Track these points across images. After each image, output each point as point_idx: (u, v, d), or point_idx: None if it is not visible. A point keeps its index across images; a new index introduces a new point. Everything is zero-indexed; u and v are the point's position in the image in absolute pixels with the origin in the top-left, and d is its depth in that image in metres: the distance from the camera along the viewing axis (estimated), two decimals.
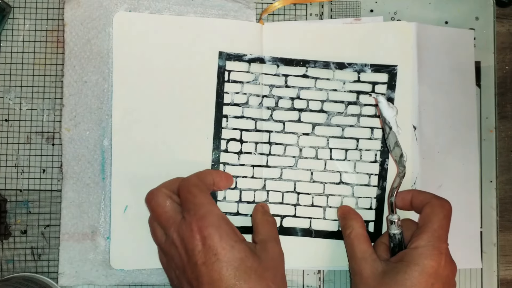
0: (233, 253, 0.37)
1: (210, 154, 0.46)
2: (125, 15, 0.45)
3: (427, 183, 0.47)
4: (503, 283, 0.49)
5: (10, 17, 0.47)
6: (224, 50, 0.46)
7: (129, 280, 0.45)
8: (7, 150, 0.47)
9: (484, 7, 0.51)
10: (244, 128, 0.46)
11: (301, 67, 0.47)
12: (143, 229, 0.44)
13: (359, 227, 0.43)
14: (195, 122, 0.46)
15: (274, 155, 0.46)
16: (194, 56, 0.46)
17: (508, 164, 0.51)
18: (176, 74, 0.46)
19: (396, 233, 0.42)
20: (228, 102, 0.46)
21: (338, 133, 0.47)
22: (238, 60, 0.46)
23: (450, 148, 0.49)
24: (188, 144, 0.46)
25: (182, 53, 0.46)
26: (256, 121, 0.46)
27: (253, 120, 0.46)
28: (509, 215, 0.51)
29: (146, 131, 0.45)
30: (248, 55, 0.46)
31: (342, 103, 0.47)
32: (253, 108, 0.46)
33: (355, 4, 0.50)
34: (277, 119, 0.47)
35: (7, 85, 0.47)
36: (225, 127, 0.46)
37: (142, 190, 0.43)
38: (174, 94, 0.46)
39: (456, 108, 0.49)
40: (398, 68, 0.47)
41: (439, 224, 0.41)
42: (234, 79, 0.46)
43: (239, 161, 0.46)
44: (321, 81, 0.47)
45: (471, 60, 0.50)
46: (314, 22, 0.49)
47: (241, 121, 0.46)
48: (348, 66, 0.47)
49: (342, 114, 0.47)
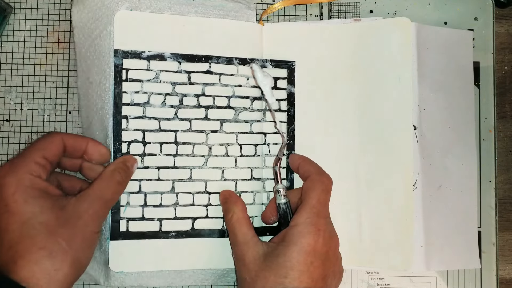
0: (24, 207, 0.35)
1: (111, 158, 0.43)
2: (126, 14, 0.45)
3: (427, 183, 0.47)
4: (502, 282, 0.50)
5: (11, 18, 0.48)
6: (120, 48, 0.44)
7: (129, 282, 0.44)
8: (8, 150, 0.47)
9: (483, 8, 0.51)
10: (147, 129, 0.44)
11: (203, 63, 0.45)
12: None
13: (240, 210, 0.42)
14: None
15: (182, 155, 0.45)
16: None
17: (507, 164, 0.51)
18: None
19: (282, 202, 0.43)
20: (127, 102, 0.44)
21: (247, 129, 0.46)
22: (136, 58, 0.44)
23: (450, 148, 0.49)
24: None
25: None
26: (159, 121, 0.44)
27: (156, 119, 0.44)
28: (508, 214, 0.51)
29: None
30: (146, 52, 0.44)
31: (248, 98, 0.46)
32: (156, 107, 0.44)
33: (354, 4, 0.50)
34: (182, 118, 0.45)
35: (8, 85, 0.47)
36: (125, 128, 0.44)
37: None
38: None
39: (456, 109, 0.49)
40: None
41: (317, 199, 0.41)
42: (132, 78, 0.44)
43: (142, 163, 0.44)
44: (225, 77, 0.46)
45: (470, 61, 0.50)
46: (314, 22, 0.49)
47: (143, 121, 0.44)
48: (250, 61, 0.46)
49: (249, 109, 0.46)
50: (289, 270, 0.38)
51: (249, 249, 0.40)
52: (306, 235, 0.39)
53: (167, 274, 0.45)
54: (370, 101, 0.48)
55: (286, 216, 0.42)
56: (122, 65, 0.44)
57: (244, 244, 0.40)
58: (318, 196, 0.41)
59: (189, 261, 0.45)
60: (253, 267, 0.39)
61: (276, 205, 0.44)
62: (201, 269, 0.45)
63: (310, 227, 0.39)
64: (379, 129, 0.47)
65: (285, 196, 0.43)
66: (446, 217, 0.48)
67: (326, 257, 0.39)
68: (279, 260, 0.38)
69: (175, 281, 0.45)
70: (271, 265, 0.38)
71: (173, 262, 0.44)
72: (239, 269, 0.41)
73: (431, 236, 0.47)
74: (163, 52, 0.45)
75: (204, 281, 0.45)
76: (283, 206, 0.42)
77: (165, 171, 0.44)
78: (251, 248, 0.40)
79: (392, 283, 0.49)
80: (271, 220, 0.45)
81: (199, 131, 0.45)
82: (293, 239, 0.39)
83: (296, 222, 0.40)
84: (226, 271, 0.46)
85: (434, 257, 0.47)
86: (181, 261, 0.45)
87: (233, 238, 0.42)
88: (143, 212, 0.44)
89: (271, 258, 0.39)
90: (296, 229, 0.39)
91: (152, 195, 0.44)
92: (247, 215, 0.42)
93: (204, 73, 0.46)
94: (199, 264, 0.45)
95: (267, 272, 0.38)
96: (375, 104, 0.48)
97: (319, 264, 0.39)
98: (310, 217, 0.40)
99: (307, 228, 0.39)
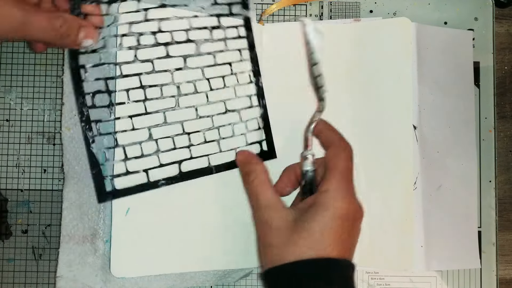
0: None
1: (77, 115, 0.41)
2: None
3: (427, 183, 0.47)
4: (502, 282, 0.50)
5: None
6: None
7: (129, 286, 0.43)
8: (8, 150, 0.47)
9: (483, 8, 0.51)
10: (108, 76, 0.41)
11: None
12: (147, 233, 0.43)
13: (262, 172, 0.41)
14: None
15: (151, 99, 0.42)
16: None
17: (507, 164, 0.51)
18: None
19: (309, 169, 0.41)
20: (82, 51, 0.41)
21: (211, 61, 0.44)
22: (96, 2, 0.41)
23: (450, 148, 0.49)
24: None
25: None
26: (120, 66, 0.42)
27: (116, 65, 0.42)
28: (508, 214, 0.51)
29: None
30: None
31: (206, 29, 0.44)
32: (113, 52, 0.41)
33: (354, 4, 0.50)
34: (143, 59, 0.42)
35: (8, 85, 0.47)
36: (84, 79, 0.41)
37: (147, 192, 0.43)
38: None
39: (456, 108, 0.49)
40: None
41: (346, 166, 0.39)
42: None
43: (112, 115, 0.41)
44: (179, 9, 0.44)
45: (470, 61, 0.50)
46: (314, 22, 0.49)
47: (102, 68, 0.41)
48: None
49: (209, 40, 0.44)
50: (321, 234, 0.36)
51: (276, 213, 0.38)
52: (339, 200, 0.37)
53: (168, 276, 0.44)
54: (370, 101, 0.48)
55: (312, 184, 0.41)
56: (80, 11, 0.40)
57: (269, 208, 0.38)
58: (346, 163, 0.39)
59: (191, 262, 0.44)
60: (282, 232, 0.37)
61: (293, 175, 0.42)
62: (202, 270, 0.45)
63: (343, 192, 0.38)
64: (379, 129, 0.47)
65: (313, 163, 0.41)
66: (446, 217, 0.48)
67: (355, 224, 0.38)
68: (311, 225, 0.36)
69: (176, 283, 0.45)
70: (302, 230, 0.36)
71: (175, 264, 0.44)
72: (264, 234, 0.38)
73: (431, 236, 0.47)
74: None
75: (205, 282, 0.45)
76: (310, 173, 0.41)
77: (138, 118, 0.42)
78: (278, 213, 0.38)
79: (392, 283, 0.49)
80: (287, 191, 0.43)
81: (163, 70, 0.43)
82: (326, 204, 0.37)
83: (327, 188, 0.38)
84: (227, 272, 0.46)
85: (434, 257, 0.47)
86: (183, 262, 0.44)
87: (255, 202, 0.40)
88: (126, 166, 0.42)
89: (301, 223, 0.37)
90: (328, 194, 0.38)
91: (131, 147, 0.42)
92: (269, 177, 0.41)
93: (159, 7, 0.43)
94: (200, 265, 0.45)
95: (297, 236, 0.36)
96: (375, 104, 0.48)
97: (350, 229, 0.38)
98: (341, 182, 0.38)
99: (339, 193, 0.38)
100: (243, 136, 0.46)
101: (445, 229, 0.48)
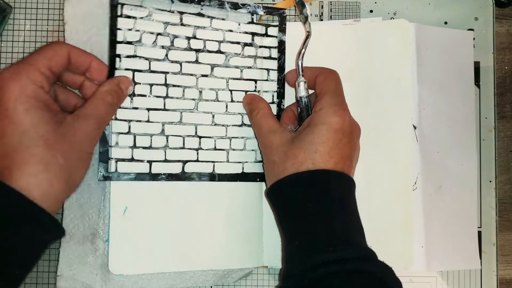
0: (24, 117, 0.34)
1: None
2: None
3: (427, 183, 0.47)
4: (502, 282, 0.50)
5: (10, 18, 0.48)
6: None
7: (129, 285, 0.44)
8: None
9: (484, 8, 0.51)
10: (137, 69, 0.43)
11: (196, 5, 0.45)
12: (144, 231, 0.44)
13: (265, 107, 0.44)
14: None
15: (172, 98, 0.44)
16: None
17: (507, 164, 0.51)
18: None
19: (303, 95, 0.43)
20: (120, 40, 0.43)
21: (237, 75, 0.46)
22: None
23: (450, 148, 0.49)
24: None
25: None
26: (150, 61, 0.44)
27: (147, 60, 0.44)
28: (508, 214, 0.51)
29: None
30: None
31: (239, 44, 0.46)
32: (147, 47, 0.44)
33: (354, 4, 0.50)
34: (173, 60, 0.44)
35: None
36: (118, 67, 0.43)
37: (144, 190, 0.43)
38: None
39: (456, 108, 0.49)
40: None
41: (336, 86, 0.42)
42: (127, 14, 0.43)
43: (132, 104, 0.43)
44: (217, 20, 0.46)
45: (471, 61, 0.50)
46: (314, 23, 0.49)
47: (134, 60, 0.43)
48: (242, 6, 0.46)
49: (240, 55, 0.46)
50: (319, 146, 0.38)
51: (276, 135, 0.41)
52: (333, 114, 0.40)
53: (168, 275, 0.44)
54: (370, 101, 0.48)
55: (308, 110, 0.43)
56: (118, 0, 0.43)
57: (271, 132, 0.41)
58: (336, 84, 0.42)
59: (190, 262, 0.44)
60: (282, 149, 0.40)
61: (291, 112, 0.45)
62: (201, 270, 0.45)
63: (336, 107, 0.40)
64: (379, 129, 0.47)
65: (306, 90, 0.43)
66: (446, 217, 0.48)
67: (351, 138, 0.40)
68: (308, 138, 0.39)
69: (175, 283, 0.45)
70: (300, 144, 0.39)
71: (174, 263, 0.44)
72: (267, 154, 0.42)
73: (432, 236, 0.47)
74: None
75: (204, 282, 0.45)
76: (305, 99, 0.43)
77: (155, 113, 0.44)
78: (278, 135, 0.41)
79: None
80: (289, 128, 0.44)
81: (190, 74, 0.45)
82: (321, 119, 0.40)
83: (321, 107, 0.40)
84: (227, 271, 0.46)
85: (434, 257, 0.47)
86: (182, 262, 0.44)
87: (259, 131, 0.43)
88: (132, 153, 0.44)
89: (299, 139, 0.40)
90: (322, 112, 0.40)
91: (142, 137, 0.44)
92: (271, 111, 0.44)
93: (196, 15, 0.45)
94: (200, 265, 0.45)
95: (297, 150, 0.39)
96: (375, 105, 0.48)
97: (347, 143, 0.40)
98: (334, 99, 0.41)
99: (333, 108, 0.40)
100: (254, 152, 0.46)
101: (445, 229, 0.48)
